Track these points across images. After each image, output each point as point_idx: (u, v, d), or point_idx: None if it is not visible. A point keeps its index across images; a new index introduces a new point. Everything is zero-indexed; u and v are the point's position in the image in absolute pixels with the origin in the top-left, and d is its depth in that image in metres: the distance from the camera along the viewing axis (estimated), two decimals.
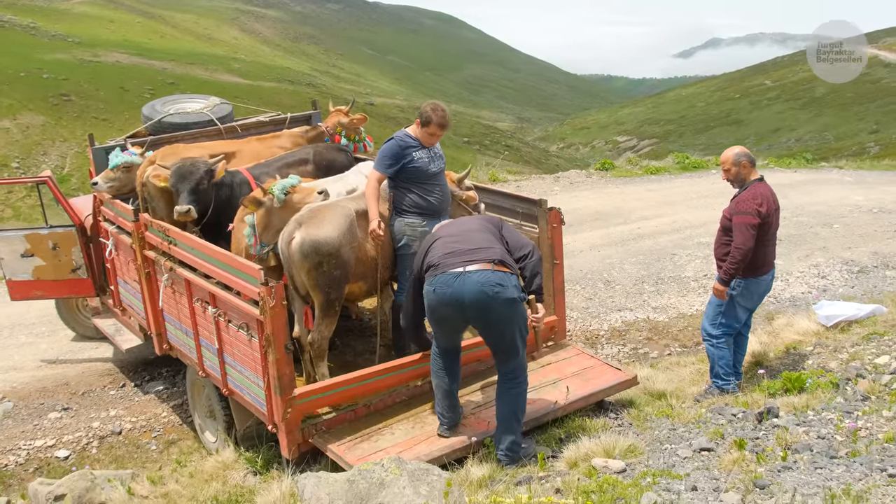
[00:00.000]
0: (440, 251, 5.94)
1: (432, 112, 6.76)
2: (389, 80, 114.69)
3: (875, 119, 66.63)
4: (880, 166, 22.39)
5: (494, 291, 5.64)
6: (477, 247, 5.86)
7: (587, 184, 19.10)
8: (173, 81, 48.54)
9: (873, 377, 6.48)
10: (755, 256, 6.85)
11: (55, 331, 10.77)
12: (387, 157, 6.75)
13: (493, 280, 5.65)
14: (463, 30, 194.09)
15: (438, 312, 5.93)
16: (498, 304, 5.66)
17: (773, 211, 6.93)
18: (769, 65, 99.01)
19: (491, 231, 6.07)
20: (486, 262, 5.72)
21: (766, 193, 6.89)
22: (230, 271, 6.33)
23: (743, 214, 6.80)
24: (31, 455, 8.17)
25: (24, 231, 9.64)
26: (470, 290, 5.65)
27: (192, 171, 7.41)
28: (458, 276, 5.71)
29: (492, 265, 5.72)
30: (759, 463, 4.98)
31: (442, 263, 5.84)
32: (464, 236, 6.03)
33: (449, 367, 6.18)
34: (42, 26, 61.75)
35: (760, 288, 7.15)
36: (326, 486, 4.66)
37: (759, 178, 7.03)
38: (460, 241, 5.98)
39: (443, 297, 5.78)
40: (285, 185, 6.76)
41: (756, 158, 7.35)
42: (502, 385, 5.99)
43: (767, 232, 6.91)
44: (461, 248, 5.89)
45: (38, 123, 36.33)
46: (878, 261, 11.67)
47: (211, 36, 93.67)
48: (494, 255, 5.79)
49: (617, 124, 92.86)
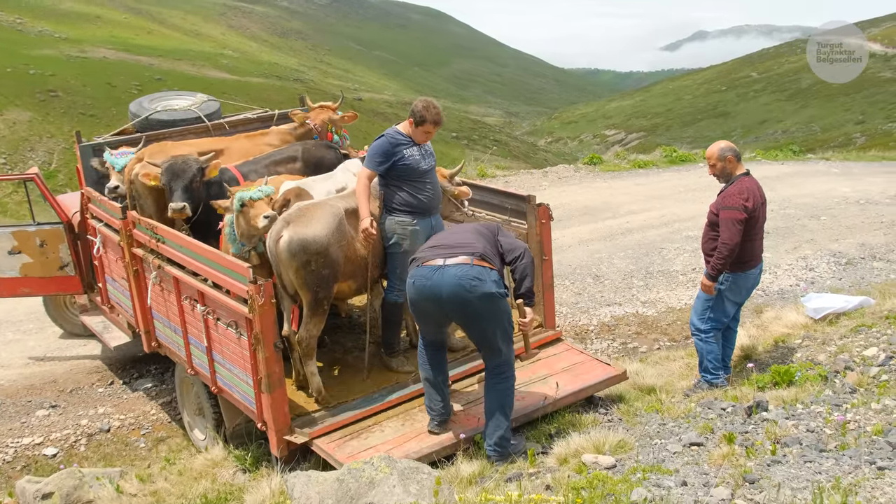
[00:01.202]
0: (425, 246, 5.96)
1: (425, 110, 6.66)
2: (377, 76, 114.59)
3: (861, 110, 66.96)
4: (866, 157, 22.47)
5: (472, 285, 5.64)
6: (458, 243, 5.87)
7: (575, 178, 19.10)
8: (160, 77, 48.39)
9: (862, 369, 6.50)
10: (742, 251, 6.85)
11: (43, 328, 10.73)
12: (377, 154, 6.69)
13: (470, 274, 5.65)
14: (450, 25, 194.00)
15: (419, 306, 5.95)
16: (475, 299, 5.66)
17: (760, 205, 6.92)
18: (755, 57, 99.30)
19: (481, 233, 6.05)
20: (466, 256, 5.73)
21: (752, 188, 6.89)
22: (219, 269, 6.32)
23: (729, 209, 6.79)
24: (19, 453, 8.14)
25: (11, 228, 9.59)
26: (448, 283, 5.66)
27: (184, 168, 7.37)
28: (437, 269, 5.73)
29: (471, 259, 5.72)
30: (748, 457, 4.99)
31: (422, 256, 5.88)
32: (451, 235, 6.07)
33: (433, 360, 6.18)
34: (28, 22, 61.41)
35: (748, 282, 7.15)
36: (316, 485, 4.66)
37: (745, 173, 7.02)
38: (445, 238, 6.04)
39: (422, 291, 5.79)
40: (243, 196, 6.65)
41: (742, 151, 7.36)
42: (489, 380, 6.01)
43: (754, 226, 6.90)
44: (444, 243, 5.94)
45: (24, 119, 36.19)
46: (865, 252, 11.71)
47: (198, 31, 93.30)
48: (475, 249, 5.79)
49: (604, 118, 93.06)
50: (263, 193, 6.64)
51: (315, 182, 7.42)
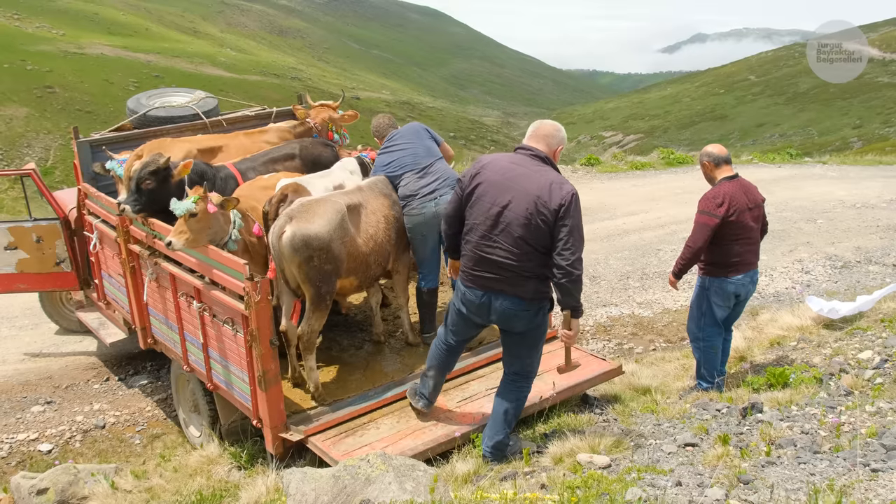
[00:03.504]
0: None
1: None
2: (375, 75, 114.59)
3: (858, 114, 67.13)
4: (863, 161, 22.50)
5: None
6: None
7: (573, 179, 19.09)
8: (158, 74, 48.44)
9: (856, 372, 6.51)
10: (722, 255, 6.75)
11: (39, 324, 10.71)
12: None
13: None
14: (449, 24, 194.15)
15: (467, 318, 5.86)
16: (522, 311, 5.58)
17: (741, 210, 6.69)
18: (753, 60, 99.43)
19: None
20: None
21: (730, 192, 6.70)
22: (215, 266, 6.32)
23: (700, 213, 6.71)
24: (14, 448, 8.13)
25: (8, 224, 9.58)
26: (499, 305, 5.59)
27: (139, 169, 7.18)
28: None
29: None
30: (743, 458, 5.00)
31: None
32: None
33: (446, 360, 6.20)
34: (26, 17, 61.37)
35: (729, 289, 6.89)
36: (312, 482, 4.65)
37: (730, 177, 6.84)
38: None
39: (469, 305, 5.74)
40: (186, 206, 6.56)
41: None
42: (503, 383, 5.96)
43: (733, 231, 6.70)
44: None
45: (21, 115, 36.17)
46: (860, 256, 11.74)
47: (196, 29, 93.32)
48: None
49: (602, 119, 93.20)
50: (179, 211, 6.44)
51: (313, 179, 7.42)
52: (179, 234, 6.39)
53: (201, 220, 6.46)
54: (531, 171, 5.47)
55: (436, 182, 7.01)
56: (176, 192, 6.91)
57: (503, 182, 5.46)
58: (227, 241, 6.66)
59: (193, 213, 6.41)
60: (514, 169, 5.51)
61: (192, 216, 6.41)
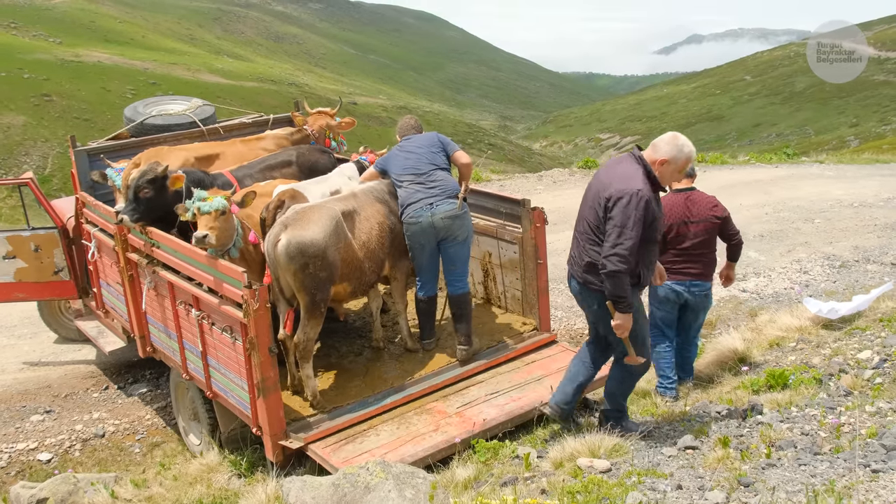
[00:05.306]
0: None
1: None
2: (372, 80, 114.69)
3: (854, 113, 67.19)
4: (860, 160, 22.47)
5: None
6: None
7: (570, 182, 19.09)
8: (155, 81, 48.45)
9: (856, 372, 6.50)
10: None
11: (37, 333, 10.70)
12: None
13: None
14: (445, 29, 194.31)
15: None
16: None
17: (677, 224, 6.94)
18: (749, 60, 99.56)
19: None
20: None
21: (668, 203, 6.88)
22: (213, 274, 6.31)
23: None
24: (13, 458, 8.11)
25: (6, 233, 9.57)
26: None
27: (137, 178, 7.16)
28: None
29: None
30: (743, 460, 5.00)
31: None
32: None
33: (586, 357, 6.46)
34: (23, 26, 61.40)
35: (659, 292, 7.14)
36: (311, 490, 4.65)
37: (681, 189, 7.05)
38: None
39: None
40: (193, 206, 6.56)
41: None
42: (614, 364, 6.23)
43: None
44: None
45: (19, 123, 36.17)
46: (858, 255, 11.72)
47: (193, 36, 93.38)
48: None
49: (599, 122, 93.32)
50: (212, 207, 6.48)
51: (310, 185, 7.42)
52: (211, 230, 6.41)
53: (228, 218, 6.57)
54: (612, 163, 5.95)
55: (434, 191, 7.00)
56: (173, 201, 6.92)
57: (596, 175, 5.97)
58: (230, 247, 6.68)
59: (223, 212, 6.49)
60: (608, 164, 6.03)
61: (222, 214, 6.49)
